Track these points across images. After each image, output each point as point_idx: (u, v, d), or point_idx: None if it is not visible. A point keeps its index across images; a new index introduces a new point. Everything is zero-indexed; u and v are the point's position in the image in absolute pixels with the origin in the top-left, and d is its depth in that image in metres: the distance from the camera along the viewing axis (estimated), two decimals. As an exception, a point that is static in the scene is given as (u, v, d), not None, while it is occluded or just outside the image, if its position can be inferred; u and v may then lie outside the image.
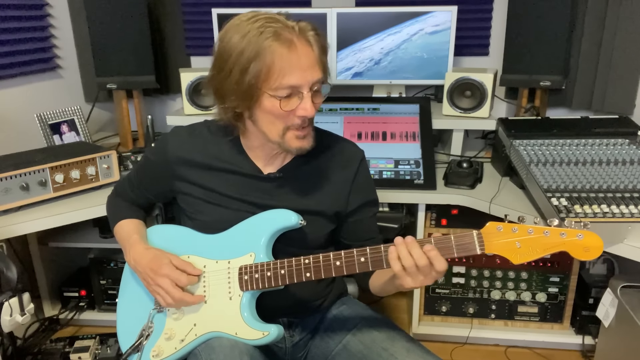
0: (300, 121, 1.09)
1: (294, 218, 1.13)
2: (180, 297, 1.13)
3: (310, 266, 1.08)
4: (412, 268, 0.98)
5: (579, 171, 1.58)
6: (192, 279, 1.15)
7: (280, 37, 1.03)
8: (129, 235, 1.27)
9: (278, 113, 1.07)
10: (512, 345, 2.00)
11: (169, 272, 1.14)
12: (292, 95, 1.06)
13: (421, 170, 1.84)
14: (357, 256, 1.05)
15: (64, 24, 2.36)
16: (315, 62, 1.07)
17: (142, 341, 1.15)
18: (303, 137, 1.12)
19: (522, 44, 2.04)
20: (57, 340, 1.95)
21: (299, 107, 1.07)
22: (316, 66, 1.07)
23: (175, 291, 1.13)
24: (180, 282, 1.13)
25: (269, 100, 1.06)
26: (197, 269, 1.16)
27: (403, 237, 1.01)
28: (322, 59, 1.09)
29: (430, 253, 0.97)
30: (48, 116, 2.05)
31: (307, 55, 1.05)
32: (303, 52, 1.05)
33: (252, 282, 1.11)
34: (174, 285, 1.13)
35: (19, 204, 1.64)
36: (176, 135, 1.26)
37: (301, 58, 1.04)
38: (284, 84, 1.04)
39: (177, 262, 1.16)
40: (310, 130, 1.14)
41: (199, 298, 1.14)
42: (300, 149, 1.13)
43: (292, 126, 1.10)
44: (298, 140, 1.12)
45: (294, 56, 1.03)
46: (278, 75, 1.04)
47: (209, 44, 2.26)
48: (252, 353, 1.07)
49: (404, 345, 1.15)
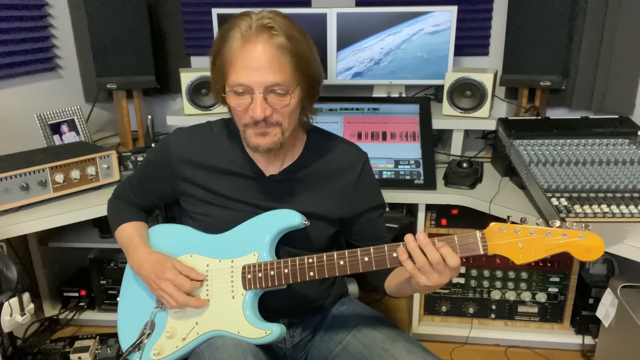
0: (252, 121, 1.07)
1: (298, 218, 1.13)
2: (184, 302, 1.13)
3: (314, 265, 1.08)
4: (425, 266, 0.98)
5: (579, 171, 1.58)
6: (195, 285, 1.15)
7: (240, 35, 1.04)
8: (130, 239, 1.27)
9: (235, 111, 1.09)
10: (512, 345, 2.00)
11: (173, 277, 1.14)
12: (245, 94, 1.06)
13: (421, 170, 1.84)
14: (361, 256, 1.05)
15: (64, 24, 2.36)
16: (268, 65, 1.02)
17: (143, 339, 1.15)
18: (261, 134, 1.09)
19: (522, 44, 2.04)
20: (57, 340, 1.94)
21: (249, 108, 1.06)
22: (270, 71, 1.03)
23: (179, 295, 1.13)
24: (183, 288, 1.13)
25: (228, 95, 1.08)
26: (201, 274, 1.16)
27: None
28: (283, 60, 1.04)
29: (442, 249, 0.97)
30: (48, 116, 2.05)
31: (262, 55, 1.02)
32: (254, 52, 1.03)
33: (256, 281, 1.11)
34: (178, 290, 1.13)
35: (19, 204, 1.64)
36: (178, 136, 1.26)
37: (251, 57, 1.03)
38: (233, 81, 1.05)
39: (180, 267, 1.16)
40: (275, 130, 1.09)
41: (202, 302, 1.14)
42: (257, 147, 1.10)
43: (247, 124, 1.09)
44: (256, 137, 1.10)
45: (244, 54, 1.03)
46: (232, 72, 1.05)
47: (209, 44, 2.26)
48: (255, 352, 1.07)
49: (404, 345, 1.15)
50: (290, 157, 1.22)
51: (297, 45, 1.06)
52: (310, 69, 1.10)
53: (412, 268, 0.99)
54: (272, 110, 1.06)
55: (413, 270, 0.99)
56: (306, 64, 1.09)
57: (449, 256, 0.97)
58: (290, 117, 1.10)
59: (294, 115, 1.12)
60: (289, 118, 1.10)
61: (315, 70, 1.12)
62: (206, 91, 2.12)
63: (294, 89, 1.07)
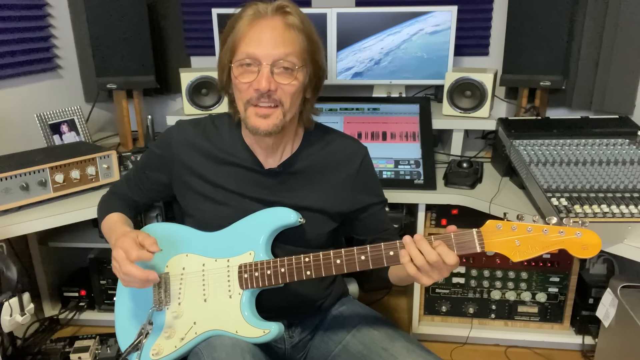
0: (256, 94, 1.08)
1: (294, 216, 1.13)
2: (127, 270, 1.04)
3: (310, 264, 1.08)
4: (425, 266, 0.98)
5: (579, 171, 1.58)
6: (143, 254, 1.05)
7: (253, 13, 1.08)
8: (114, 224, 1.24)
9: (239, 85, 1.10)
10: (512, 345, 2.00)
11: (123, 244, 1.06)
12: (252, 66, 1.08)
13: (421, 170, 1.84)
14: (357, 254, 1.05)
15: (64, 24, 2.36)
16: (280, 38, 1.07)
17: (142, 339, 1.15)
18: (263, 116, 1.10)
19: (522, 44, 2.04)
20: (57, 340, 1.94)
21: (254, 81, 1.08)
22: (281, 43, 1.07)
23: (124, 264, 1.04)
24: (130, 255, 1.04)
25: (234, 70, 1.10)
26: (156, 247, 1.07)
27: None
28: (294, 37, 1.08)
29: (439, 248, 0.98)
30: (48, 116, 2.06)
31: (272, 29, 1.07)
32: (267, 25, 1.07)
33: (252, 281, 1.11)
34: (125, 258, 1.05)
35: (19, 204, 1.64)
36: (181, 124, 1.27)
37: (264, 30, 1.07)
38: (243, 52, 1.08)
39: (141, 237, 1.08)
40: (276, 112, 1.10)
41: (149, 274, 1.05)
42: (257, 129, 1.11)
43: (250, 100, 1.10)
44: (257, 118, 1.10)
45: (257, 27, 1.07)
46: (241, 44, 1.08)
47: (209, 44, 2.29)
48: (254, 351, 1.07)
49: (404, 345, 1.15)
50: (289, 151, 1.23)
51: (309, 29, 1.11)
52: (318, 55, 1.14)
53: (415, 272, 0.99)
54: (277, 86, 1.08)
55: (416, 274, 1.00)
56: (315, 48, 1.13)
57: (446, 254, 0.98)
58: (293, 98, 1.11)
59: (296, 99, 1.13)
60: (291, 98, 1.11)
61: (321, 60, 1.16)
62: (206, 91, 2.12)
63: (300, 67, 1.10)
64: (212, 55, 2.28)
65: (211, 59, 2.31)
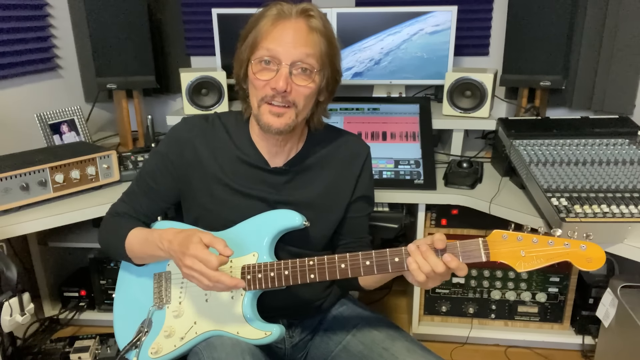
0: (272, 93, 1.08)
1: (298, 219, 1.13)
2: (217, 279, 1.00)
3: (314, 268, 1.07)
4: (431, 273, 0.99)
5: (579, 171, 1.58)
6: (222, 259, 1.01)
7: (277, 12, 1.08)
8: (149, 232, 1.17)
9: (256, 82, 1.10)
10: (512, 345, 2.00)
11: (197, 252, 1.01)
12: (272, 65, 1.08)
13: (421, 170, 1.84)
14: (362, 259, 1.05)
15: (64, 24, 2.36)
16: (302, 39, 1.07)
17: (141, 337, 1.15)
18: (276, 114, 1.10)
19: (522, 44, 2.04)
20: (57, 340, 1.94)
21: (272, 79, 1.08)
22: (303, 44, 1.07)
23: (211, 274, 1.00)
24: (210, 264, 0.99)
25: (253, 66, 1.10)
26: (229, 249, 1.01)
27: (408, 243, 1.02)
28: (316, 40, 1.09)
29: (452, 264, 0.98)
30: (48, 116, 2.05)
31: (295, 30, 1.08)
32: (290, 25, 1.08)
33: (255, 282, 1.11)
34: (206, 268, 1.00)
35: (19, 204, 1.64)
36: (187, 121, 1.25)
37: (287, 30, 1.07)
38: (264, 48, 1.08)
39: (207, 239, 1.03)
40: (290, 112, 1.10)
41: (237, 282, 1.02)
42: (269, 127, 1.10)
43: (265, 98, 1.10)
44: (270, 116, 1.10)
45: (280, 26, 1.08)
46: (263, 42, 1.08)
47: (209, 44, 2.29)
48: (254, 352, 1.07)
49: (405, 344, 1.15)
50: (295, 150, 1.23)
51: (331, 34, 1.12)
52: (336, 60, 1.15)
53: (424, 280, 0.99)
54: (293, 87, 1.08)
55: (425, 282, 1.00)
56: (335, 53, 1.14)
57: (459, 270, 0.99)
58: (307, 101, 1.12)
59: (310, 102, 1.13)
60: (305, 100, 1.11)
61: (339, 66, 1.17)
62: (206, 91, 2.12)
63: (318, 70, 1.10)
64: (212, 55, 2.27)
65: (211, 59, 2.31)
